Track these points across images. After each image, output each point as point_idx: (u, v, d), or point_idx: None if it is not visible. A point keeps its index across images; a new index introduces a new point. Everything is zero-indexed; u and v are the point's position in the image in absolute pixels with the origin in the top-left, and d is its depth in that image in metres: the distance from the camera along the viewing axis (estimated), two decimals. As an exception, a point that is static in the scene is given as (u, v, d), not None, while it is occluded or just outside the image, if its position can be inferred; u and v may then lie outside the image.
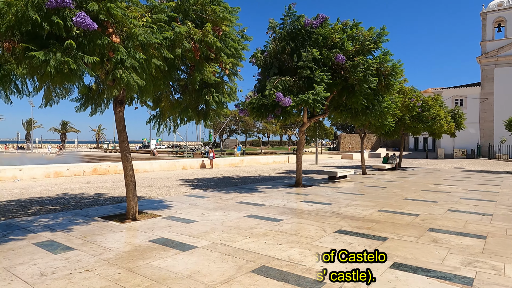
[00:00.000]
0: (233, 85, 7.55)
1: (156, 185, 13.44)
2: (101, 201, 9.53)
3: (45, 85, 6.49)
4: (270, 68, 10.83)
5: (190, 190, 11.83)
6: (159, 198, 10.13)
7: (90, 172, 18.44)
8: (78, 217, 7.36)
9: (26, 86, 5.80)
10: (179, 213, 7.78)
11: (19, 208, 8.45)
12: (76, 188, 12.56)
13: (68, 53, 4.55)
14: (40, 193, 11.15)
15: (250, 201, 9.38)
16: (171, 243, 5.37)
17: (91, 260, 4.58)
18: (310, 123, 13.41)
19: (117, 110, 6.89)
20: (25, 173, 16.44)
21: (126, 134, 7.14)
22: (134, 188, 7.13)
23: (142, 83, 5.30)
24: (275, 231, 6.17)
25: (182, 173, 18.94)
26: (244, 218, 7.22)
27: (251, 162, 27.42)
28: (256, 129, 64.21)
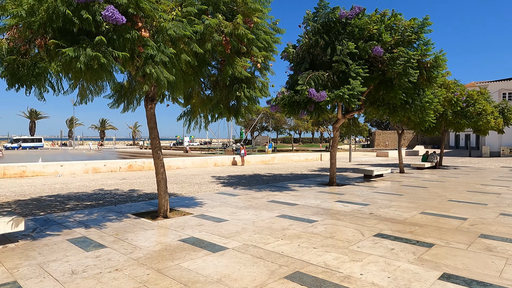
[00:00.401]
0: (264, 80, 7.29)
1: (188, 182, 13.49)
2: (134, 198, 9.64)
3: (80, 83, 6.59)
4: (302, 63, 10.44)
5: (221, 188, 11.74)
6: (190, 195, 10.10)
7: (125, 168, 18.96)
8: (112, 213, 7.43)
9: (61, 83, 5.86)
10: (210, 211, 7.66)
11: (57, 203, 8.72)
12: (111, 184, 12.87)
13: (98, 49, 4.49)
14: (78, 189, 11.52)
15: (282, 200, 9.10)
16: (201, 243, 5.22)
17: (121, 259, 4.51)
18: (344, 120, 12.87)
19: (148, 107, 6.85)
20: (66, 169, 17.18)
21: (157, 131, 7.09)
22: (165, 186, 7.08)
23: (172, 78, 5.16)
24: (309, 233, 5.85)
25: (213, 170, 18.99)
26: (276, 218, 6.95)
27: (283, 159, 27.08)
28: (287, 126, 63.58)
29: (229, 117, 7.67)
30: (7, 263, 4.37)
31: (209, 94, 7.80)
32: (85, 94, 6.79)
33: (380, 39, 10.17)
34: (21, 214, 7.42)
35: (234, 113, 7.53)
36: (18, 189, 11.53)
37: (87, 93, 6.82)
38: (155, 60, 5.07)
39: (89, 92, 6.85)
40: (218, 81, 7.50)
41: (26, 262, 4.38)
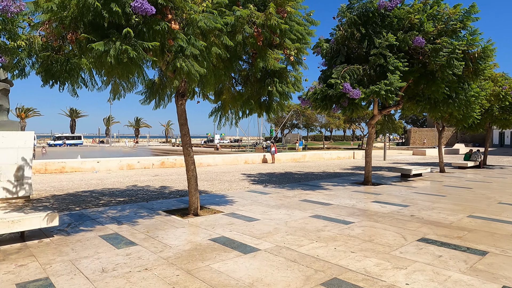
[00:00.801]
0: (297, 74, 6.97)
1: (219, 179, 13.43)
2: (166, 194, 9.66)
3: (112, 79, 6.61)
4: (336, 57, 9.99)
5: (252, 186, 11.55)
6: (221, 193, 9.99)
7: (158, 165, 19.30)
8: (143, 210, 7.44)
9: (94, 79, 5.88)
10: (241, 209, 7.47)
11: (92, 199, 8.90)
12: (144, 180, 13.07)
13: (127, 42, 4.39)
14: (113, 184, 11.77)
15: (315, 200, 8.74)
16: (232, 244, 5.02)
17: (151, 258, 4.40)
18: (380, 116, 12.25)
19: (178, 103, 6.75)
20: (102, 165, 17.73)
21: (188, 128, 6.98)
22: (195, 183, 6.97)
23: (203, 71, 4.99)
24: (345, 236, 5.50)
25: (244, 168, 18.88)
26: (310, 219, 6.64)
27: (314, 157, 26.52)
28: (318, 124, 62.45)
29: (260, 113, 7.43)
30: (42, 258, 4.39)
31: (239, 90, 7.61)
32: (117, 90, 6.80)
33: (421, 29, 9.51)
34: (58, 209, 7.61)
35: (266, 109, 7.28)
36: (57, 184, 11.97)
37: (119, 89, 6.83)
38: (185, 53, 4.92)
39: (121, 89, 6.86)
40: (249, 76, 7.29)
41: (59, 258, 4.38)
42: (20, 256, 4.48)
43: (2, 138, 8.24)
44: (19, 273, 3.90)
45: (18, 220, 4.89)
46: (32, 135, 8.72)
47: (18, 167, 8.43)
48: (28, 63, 5.17)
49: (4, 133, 8.28)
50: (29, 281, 3.68)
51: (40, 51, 4.80)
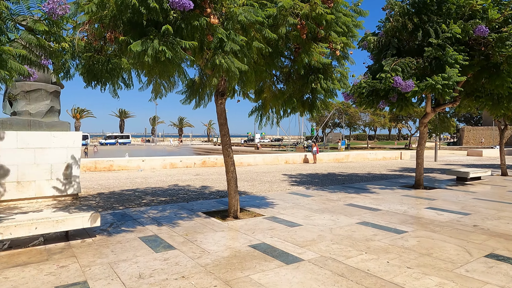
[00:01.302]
0: (344, 70, 6.48)
1: (259, 179, 13.19)
2: (206, 195, 9.58)
3: (153, 79, 6.58)
4: (386, 50, 9.27)
5: (293, 187, 11.15)
6: (261, 194, 9.72)
7: (199, 164, 19.52)
8: (183, 211, 7.36)
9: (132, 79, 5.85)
10: (282, 213, 7.13)
11: (135, 198, 9.03)
12: (186, 179, 13.18)
13: (165, 40, 4.23)
14: (156, 183, 11.97)
15: (361, 204, 8.16)
16: (273, 252, 4.70)
17: (189, 265, 4.21)
18: (434, 114, 11.27)
19: (218, 102, 6.56)
20: (147, 164, 18.27)
21: (228, 128, 6.77)
22: (235, 185, 6.75)
23: (244, 67, 4.72)
24: (398, 247, 4.95)
25: (284, 168, 18.50)
26: (357, 226, 6.13)
27: (358, 157, 25.44)
28: (362, 122, 60.20)
29: (303, 112, 7.03)
30: (82, 259, 4.38)
31: (281, 88, 7.27)
32: (158, 90, 6.75)
33: (484, 17, 8.53)
34: (103, 208, 7.78)
35: (309, 108, 6.87)
36: (105, 182, 12.42)
37: (160, 89, 6.78)
38: (224, 49, 4.68)
39: (162, 88, 6.82)
40: (291, 73, 6.93)
41: (98, 260, 4.34)
42: (62, 256, 4.51)
43: (53, 138, 8.61)
44: (59, 275, 3.88)
45: (62, 220, 4.94)
46: (80, 135, 9.04)
47: (67, 166, 8.76)
48: (72, 65, 5.23)
49: (55, 133, 8.64)
50: (67, 284, 3.63)
51: (83, 52, 4.81)
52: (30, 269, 4.05)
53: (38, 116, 8.73)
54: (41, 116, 8.76)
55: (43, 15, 4.15)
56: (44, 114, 8.82)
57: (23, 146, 8.21)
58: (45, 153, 8.46)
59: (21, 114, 8.58)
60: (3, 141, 7.99)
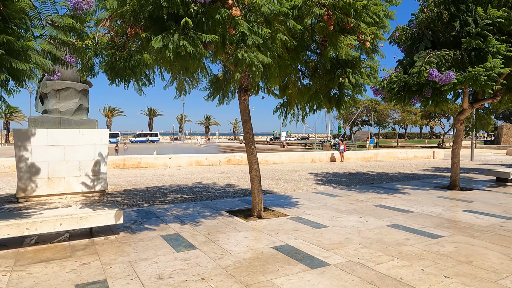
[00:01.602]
0: (373, 63, 6.13)
1: (284, 178, 12.95)
2: (230, 193, 9.47)
3: (177, 76, 6.52)
4: (419, 42, 8.75)
5: (319, 186, 10.83)
6: (286, 193, 9.49)
7: (225, 162, 19.54)
8: (207, 209, 7.28)
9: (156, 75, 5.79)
10: (307, 213, 6.87)
11: (160, 195, 9.07)
12: (211, 177, 13.17)
13: (185, 34, 4.11)
14: (181, 181, 12.03)
15: (391, 205, 7.75)
16: (298, 254, 4.48)
17: (209, 266, 4.08)
18: (471, 110, 10.56)
19: (241, 99, 6.39)
20: (173, 161, 18.50)
21: (251, 125, 6.60)
22: (259, 184, 6.57)
23: (268, 61, 4.52)
24: (434, 253, 4.58)
25: (310, 166, 18.14)
26: (387, 229, 5.78)
27: (387, 156, 24.56)
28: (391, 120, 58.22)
29: (330, 108, 6.73)
30: (104, 257, 4.36)
31: (307, 84, 7.01)
32: (182, 87, 6.70)
33: (530, 4, 7.84)
34: (128, 204, 7.84)
35: (336, 104, 6.56)
36: (132, 179, 12.63)
37: (184, 85, 6.72)
38: (247, 43, 4.50)
39: (186, 85, 6.75)
40: (317, 67, 6.65)
41: (119, 259, 4.30)
42: (85, 253, 4.51)
43: (81, 135, 8.79)
44: (80, 272, 3.86)
45: (86, 217, 4.96)
46: (107, 132, 9.19)
47: (95, 163, 8.92)
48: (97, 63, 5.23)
49: (83, 130, 8.82)
50: (87, 282, 3.59)
51: (106, 49, 4.79)
52: (53, 266, 4.06)
53: (68, 114, 8.94)
54: (70, 114, 8.98)
55: (68, 10, 4.14)
56: (73, 112, 9.03)
57: (53, 143, 8.43)
58: (74, 150, 8.66)
59: (51, 112, 8.83)
60: (35, 138, 8.24)
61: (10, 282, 3.59)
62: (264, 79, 6.45)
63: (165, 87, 6.67)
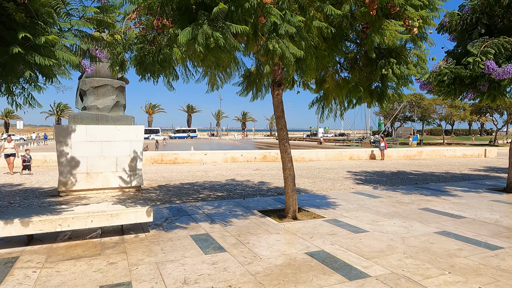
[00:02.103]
0: (422, 52, 5.53)
1: (321, 176, 12.46)
2: (263, 191, 9.20)
3: (209, 70, 6.33)
4: (473, 29, 7.89)
5: (358, 186, 10.25)
6: (322, 193, 9.04)
7: (260, 158, 19.32)
8: (239, 208, 7.06)
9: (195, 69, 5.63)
10: (345, 216, 6.42)
11: (193, 192, 9.01)
12: (245, 174, 12.99)
13: (214, 25, 3.85)
14: (215, 177, 11.96)
15: (440, 209, 7.07)
16: (334, 263, 4.10)
17: (238, 272, 3.82)
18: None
19: (275, 93, 6.07)
20: (209, 157, 18.60)
21: (285, 121, 6.25)
22: (293, 183, 6.22)
23: (300, 53, 4.17)
24: (493, 268, 4.00)
25: (349, 164, 17.41)
26: (436, 236, 5.20)
27: (432, 154, 23.06)
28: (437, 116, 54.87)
29: (371, 102, 6.21)
30: (132, 256, 4.26)
31: (345, 77, 6.53)
32: (214, 81, 6.50)
33: None
34: (162, 201, 7.83)
35: (378, 97, 6.03)
36: (168, 174, 12.78)
37: (216, 80, 6.52)
38: (279, 32, 4.17)
39: (218, 80, 6.55)
40: (357, 58, 6.16)
41: (147, 259, 4.18)
42: (114, 251, 4.45)
43: (118, 132, 8.92)
44: (107, 272, 3.77)
45: (116, 214, 4.92)
46: (143, 129, 9.26)
47: (131, 159, 9.03)
48: (128, 58, 5.16)
49: (120, 127, 8.95)
50: (112, 284, 3.48)
51: (135, 44, 4.68)
52: (81, 264, 4.02)
53: (105, 110, 9.13)
54: (107, 110, 9.16)
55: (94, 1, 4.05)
56: (110, 108, 9.20)
57: (92, 139, 8.63)
58: (111, 146, 8.82)
59: (90, 109, 9.05)
60: (75, 134, 8.48)
61: (38, 280, 3.57)
62: (299, 72, 6.08)
63: (197, 81, 6.50)
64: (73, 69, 4.15)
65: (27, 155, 12.58)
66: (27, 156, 12.57)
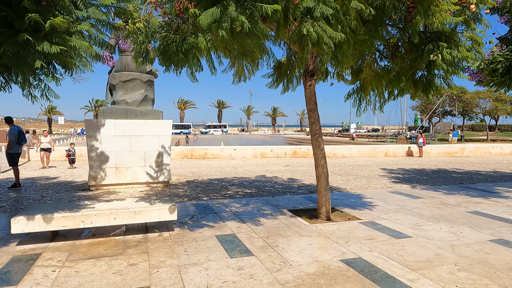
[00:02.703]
0: (476, 35, 4.86)
1: (354, 174, 11.82)
2: (294, 189, 8.78)
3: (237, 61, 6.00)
4: (534, 10, 6.97)
5: (395, 185, 9.56)
6: (357, 191, 8.48)
7: (290, 154, 18.86)
8: (268, 206, 6.70)
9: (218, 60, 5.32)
10: (383, 218, 5.88)
11: (221, 188, 8.76)
12: (274, 170, 12.61)
13: (242, 6, 3.48)
14: (244, 173, 11.68)
15: (492, 213, 6.32)
16: (374, 273, 3.63)
17: (265, 280, 3.46)
18: None
19: (307, 84, 5.62)
20: (238, 153, 18.39)
21: (318, 115, 5.79)
22: (326, 182, 5.76)
23: (341, 37, 3.72)
24: None
25: (384, 161, 16.53)
26: (492, 245, 4.57)
27: (476, 151, 21.50)
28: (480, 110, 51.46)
29: (415, 93, 5.61)
30: (153, 257, 4.02)
31: (385, 66, 5.96)
32: (241, 72, 6.15)
33: None
34: (189, 197, 7.63)
35: (423, 88, 5.42)
36: (197, 170, 12.67)
37: (243, 71, 6.17)
38: (314, 15, 3.73)
39: (246, 71, 6.20)
40: (398, 45, 5.57)
41: (169, 261, 3.92)
42: (136, 251, 4.24)
43: (146, 126, 8.82)
44: (126, 275, 3.55)
45: (140, 211, 4.71)
46: (171, 123, 9.11)
47: (159, 154, 8.91)
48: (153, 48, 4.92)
49: (148, 121, 8.84)
50: (130, 289, 3.24)
51: (158, 32, 4.42)
52: (101, 264, 3.83)
53: (134, 105, 9.06)
54: (136, 105, 9.09)
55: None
56: (139, 103, 9.12)
57: (120, 133, 8.60)
58: (140, 140, 8.75)
59: (119, 103, 9.02)
60: (104, 128, 8.48)
61: (56, 281, 3.40)
62: (334, 61, 5.60)
63: (224, 71, 6.19)
64: (93, 60, 3.94)
65: (71, 149, 12.89)
66: (72, 150, 12.88)
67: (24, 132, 9.75)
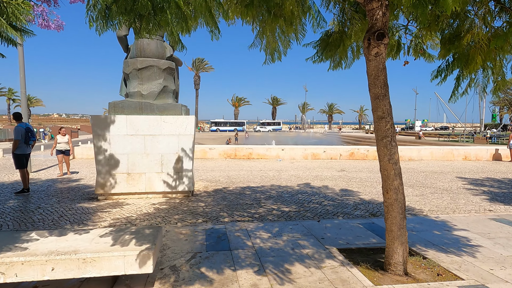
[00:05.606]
0: None
1: (430, 185, 9.12)
2: (349, 208, 6.53)
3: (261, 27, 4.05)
4: None
5: (496, 206, 6.82)
6: (440, 216, 5.99)
7: (346, 156, 16.33)
8: (309, 240, 4.62)
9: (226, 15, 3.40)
10: (498, 276, 3.47)
11: (252, 203, 6.83)
12: (326, 177, 10.36)
13: None
14: (287, 180, 9.64)
15: None
16: None
17: None
18: None
19: (372, 53, 3.40)
20: (286, 153, 16.35)
21: (390, 104, 3.54)
22: (401, 215, 3.51)
23: None
24: None
25: (465, 167, 13.29)
26: None
27: None
28: None
29: None
30: None
31: (501, 26, 3.61)
32: (274, 45, 4.19)
33: None
34: (207, 216, 5.84)
35: None
36: (235, 173, 10.92)
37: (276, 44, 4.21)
38: None
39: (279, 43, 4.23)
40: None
41: None
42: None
43: (163, 123, 7.20)
44: None
45: (93, 259, 2.97)
46: (193, 119, 7.40)
47: (178, 158, 7.23)
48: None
49: (165, 117, 7.21)
50: None
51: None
52: None
53: (150, 97, 7.50)
54: (153, 97, 7.52)
55: None
56: (156, 95, 7.54)
57: (133, 132, 7.09)
58: (156, 141, 7.17)
59: (133, 96, 7.53)
60: (114, 126, 7.04)
61: None
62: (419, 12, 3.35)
63: (250, 47, 4.30)
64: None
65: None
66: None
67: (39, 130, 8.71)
